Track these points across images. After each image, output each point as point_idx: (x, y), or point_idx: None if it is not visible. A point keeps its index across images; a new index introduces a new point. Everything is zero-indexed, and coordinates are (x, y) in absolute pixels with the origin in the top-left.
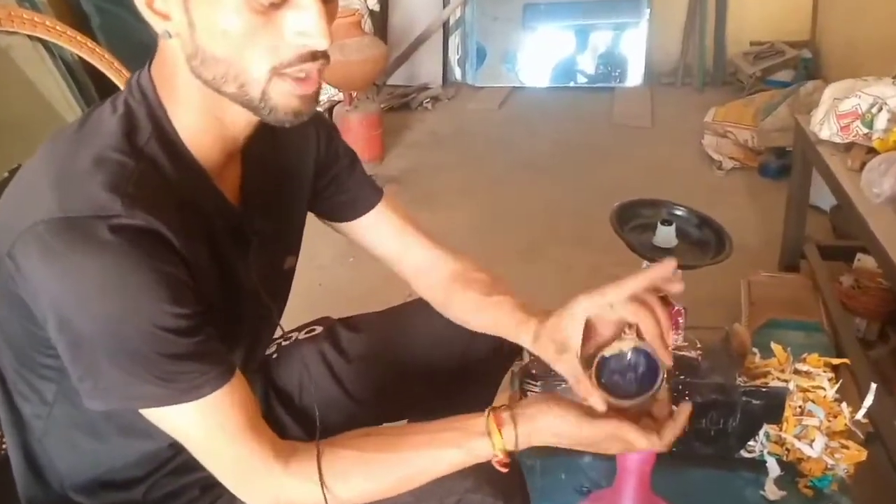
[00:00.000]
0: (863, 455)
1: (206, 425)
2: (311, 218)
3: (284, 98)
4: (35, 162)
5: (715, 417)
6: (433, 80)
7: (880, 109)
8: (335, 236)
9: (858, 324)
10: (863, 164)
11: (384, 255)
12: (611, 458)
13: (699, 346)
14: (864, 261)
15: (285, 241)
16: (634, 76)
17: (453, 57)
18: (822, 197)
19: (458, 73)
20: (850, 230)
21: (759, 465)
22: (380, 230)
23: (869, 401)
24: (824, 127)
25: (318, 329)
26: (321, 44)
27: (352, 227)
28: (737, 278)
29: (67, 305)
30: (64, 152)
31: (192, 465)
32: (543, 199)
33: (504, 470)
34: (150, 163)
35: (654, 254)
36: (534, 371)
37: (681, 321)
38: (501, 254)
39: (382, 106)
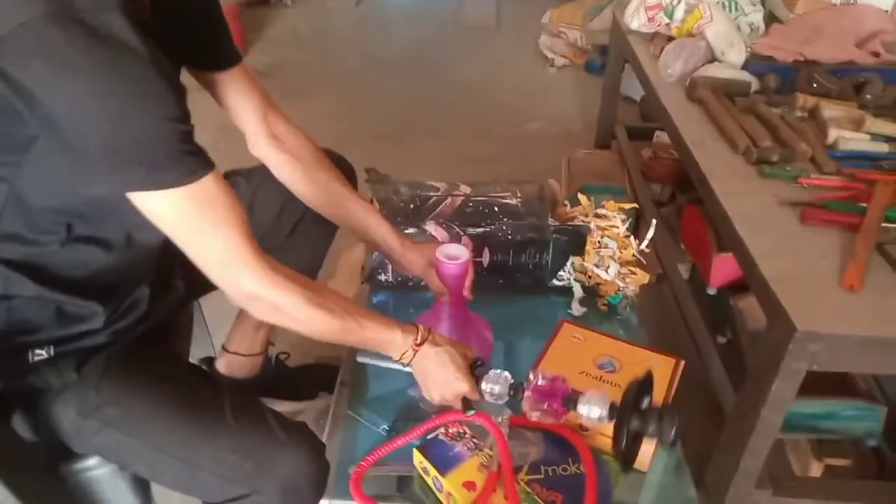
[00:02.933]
0: (646, 278)
1: (202, 209)
2: None
3: None
4: None
5: (532, 253)
6: None
7: (679, 2)
8: (207, 121)
9: (655, 188)
10: (661, 51)
11: (243, 115)
12: None
13: (519, 195)
14: (661, 136)
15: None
16: None
17: None
18: (635, 89)
19: None
20: (653, 113)
21: (567, 291)
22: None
23: (650, 233)
24: (635, 18)
25: None
26: None
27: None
28: (560, 157)
29: (74, 101)
30: None
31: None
32: (397, 92)
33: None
34: None
35: None
36: None
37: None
38: (359, 140)
39: (241, 0)
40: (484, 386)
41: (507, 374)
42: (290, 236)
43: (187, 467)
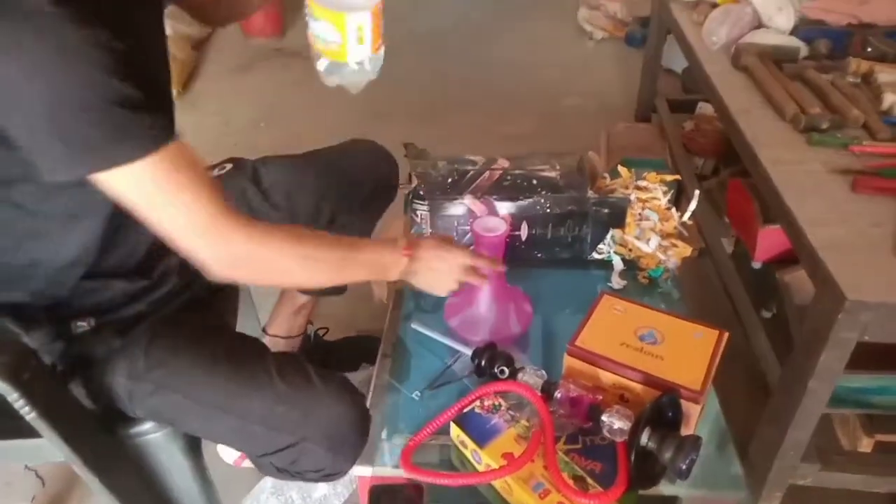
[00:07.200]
0: (688, 251)
1: (164, 180)
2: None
3: None
4: None
5: (571, 226)
6: None
7: None
8: (249, 100)
9: (697, 162)
10: (706, 18)
11: None
12: None
13: (558, 167)
14: (704, 108)
15: None
16: None
17: None
18: (676, 61)
19: None
20: (695, 84)
21: (606, 265)
22: None
23: (693, 205)
24: None
25: (229, 166)
26: None
27: None
28: (599, 132)
29: (14, 84)
30: None
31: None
32: (432, 68)
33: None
34: None
35: None
36: (421, 192)
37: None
38: (396, 117)
39: None
40: (520, 377)
41: (543, 371)
42: (329, 225)
43: (238, 421)
